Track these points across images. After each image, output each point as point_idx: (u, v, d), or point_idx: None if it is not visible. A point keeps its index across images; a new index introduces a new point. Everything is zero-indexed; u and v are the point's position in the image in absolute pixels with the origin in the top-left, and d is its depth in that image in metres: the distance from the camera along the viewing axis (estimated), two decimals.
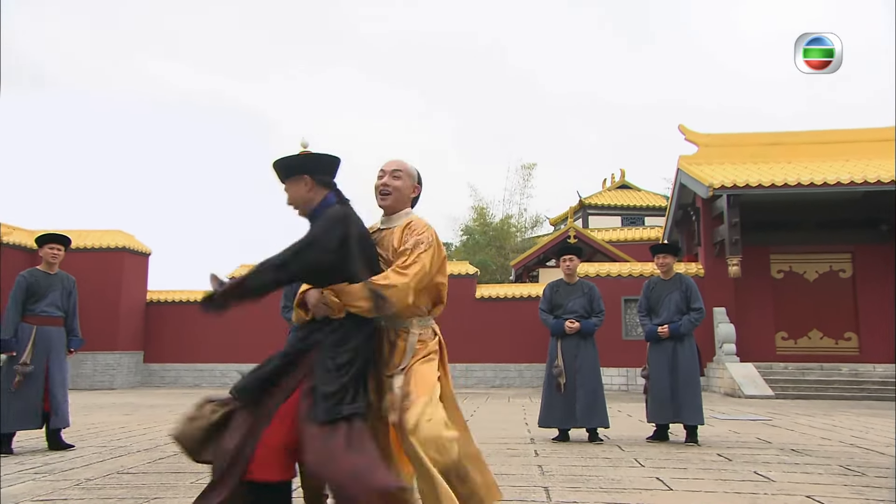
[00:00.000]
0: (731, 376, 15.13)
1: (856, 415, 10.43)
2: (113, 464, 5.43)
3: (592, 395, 6.75)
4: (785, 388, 15.14)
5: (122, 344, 19.13)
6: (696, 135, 19.43)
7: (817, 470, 5.05)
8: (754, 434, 7.53)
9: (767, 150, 18.90)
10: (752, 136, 19.46)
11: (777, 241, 17.78)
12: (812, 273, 17.84)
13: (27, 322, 6.38)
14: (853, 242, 17.61)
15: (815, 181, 16.04)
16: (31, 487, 4.53)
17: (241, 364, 19.38)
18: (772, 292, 17.63)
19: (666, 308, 7.01)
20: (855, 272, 17.61)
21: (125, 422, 9.10)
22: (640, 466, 5.18)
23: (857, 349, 17.24)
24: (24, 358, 6.26)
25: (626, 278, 17.77)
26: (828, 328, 17.47)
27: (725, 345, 16.10)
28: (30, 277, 6.48)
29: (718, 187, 16.20)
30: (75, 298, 6.74)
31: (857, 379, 15.84)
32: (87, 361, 18.80)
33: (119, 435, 7.51)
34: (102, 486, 4.53)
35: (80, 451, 6.25)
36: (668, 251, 7.28)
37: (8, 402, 6.20)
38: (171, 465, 5.32)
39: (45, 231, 6.79)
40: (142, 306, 20.06)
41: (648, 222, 29.62)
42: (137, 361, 19.73)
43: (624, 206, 30.74)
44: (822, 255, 17.80)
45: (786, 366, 16.69)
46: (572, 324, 6.86)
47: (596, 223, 29.37)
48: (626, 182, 33.40)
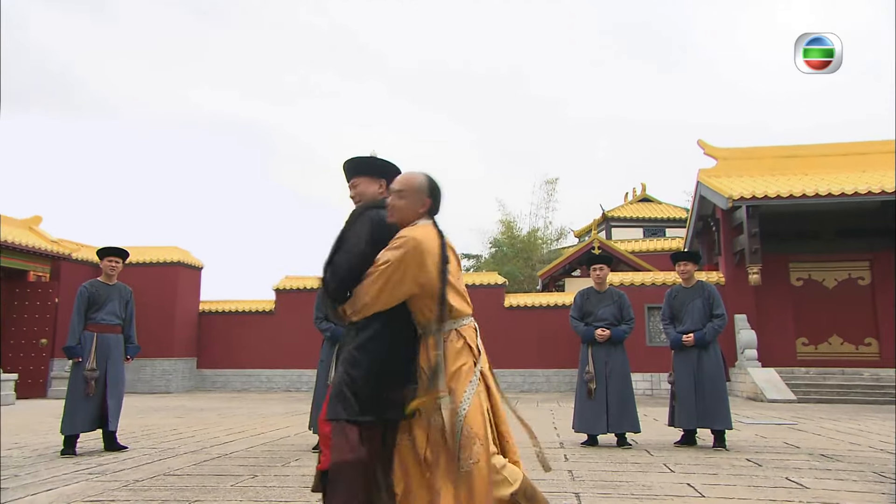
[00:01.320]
0: (754, 381, 14.62)
1: (882, 419, 9.93)
2: (160, 465, 5.31)
3: (623, 400, 6.44)
4: (807, 392, 14.61)
5: (178, 351, 19.20)
6: (714, 149, 18.96)
7: (851, 477, 4.70)
8: (781, 438, 7.15)
9: (784, 163, 18.36)
10: (769, 149, 18.92)
11: (796, 249, 17.22)
12: (831, 280, 17.25)
13: (89, 330, 6.36)
14: (871, 251, 17.00)
15: (833, 191, 15.54)
16: (84, 488, 4.43)
17: (284, 370, 19.50)
18: (791, 299, 17.07)
19: (689, 315, 6.70)
20: (873, 279, 16.97)
21: (176, 424, 9.02)
22: (670, 472, 4.88)
23: (877, 354, 16.59)
24: (89, 364, 6.23)
25: (649, 287, 17.34)
26: (848, 334, 16.83)
27: (747, 350, 15.59)
28: (91, 288, 6.46)
29: (738, 198, 15.77)
30: (132, 308, 6.70)
31: (879, 384, 15.20)
32: (147, 367, 18.92)
33: (169, 437, 7.42)
34: (148, 487, 4.41)
35: (132, 452, 6.15)
36: (689, 259, 6.96)
37: (73, 406, 6.16)
38: (214, 467, 5.18)
39: (105, 246, 6.72)
40: (195, 316, 20.14)
41: (669, 233, 28.99)
42: (191, 367, 19.79)
43: (645, 218, 30.19)
44: (840, 262, 17.17)
45: (807, 371, 16.15)
46: (603, 332, 6.56)
47: (619, 235, 28.88)
48: (647, 195, 32.80)
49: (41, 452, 6.26)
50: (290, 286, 19.79)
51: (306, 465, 5.17)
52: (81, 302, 6.35)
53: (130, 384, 18.84)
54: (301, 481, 4.49)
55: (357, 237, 2.62)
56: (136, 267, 19.43)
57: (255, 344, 19.51)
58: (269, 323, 19.65)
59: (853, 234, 17.03)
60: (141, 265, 19.48)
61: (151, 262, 19.39)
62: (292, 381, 19.05)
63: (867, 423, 9.30)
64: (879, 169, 17.53)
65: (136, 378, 18.90)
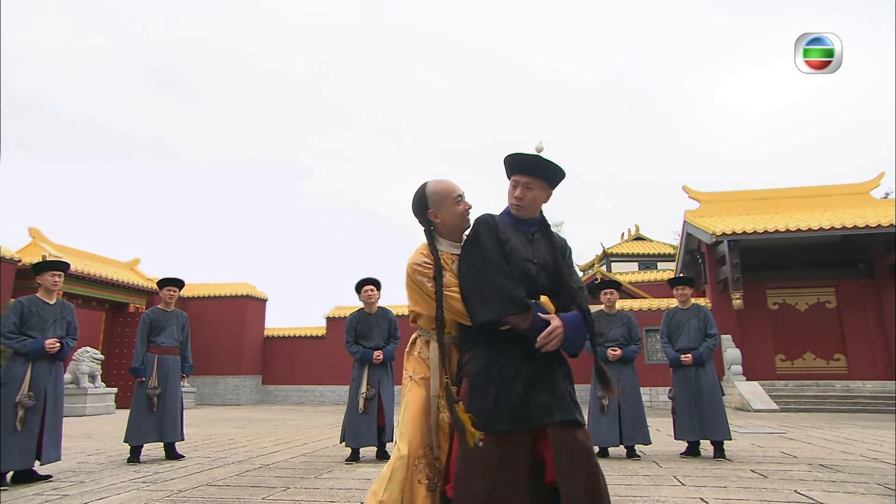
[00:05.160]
0: (741, 393, 13.66)
1: (861, 427, 8.98)
2: (206, 475, 4.73)
3: (635, 415, 5.70)
4: (787, 402, 13.64)
5: (246, 369, 18.77)
6: (698, 193, 18.35)
7: (858, 489, 3.94)
8: (777, 448, 6.32)
9: (758, 204, 17.73)
10: (745, 192, 18.23)
11: (771, 278, 16.48)
12: (802, 304, 16.40)
13: (151, 352, 5.90)
14: (836, 278, 16.31)
15: (801, 227, 15.07)
16: (130, 497, 3.88)
17: (334, 386, 18.88)
18: (769, 321, 16.23)
19: (686, 334, 6.00)
20: (839, 303, 16.21)
21: (235, 434, 8.46)
22: (681, 485, 4.15)
23: (846, 368, 15.72)
24: (151, 382, 5.77)
25: (646, 312, 16.53)
26: (819, 350, 16.00)
27: (733, 366, 14.66)
28: (152, 315, 6.03)
29: (720, 234, 15.22)
30: (188, 331, 6.23)
31: (850, 394, 14.27)
32: (220, 383, 18.55)
33: (225, 446, 6.85)
34: (188, 498, 3.84)
35: (187, 461, 5.60)
36: (686, 283, 6.29)
37: (137, 420, 5.69)
38: (252, 478, 4.59)
39: (164, 277, 6.29)
40: (260, 340, 19.72)
41: (661, 266, 28.09)
42: (257, 383, 19.28)
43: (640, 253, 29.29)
44: (810, 288, 16.46)
45: (786, 383, 15.22)
46: (614, 351, 5.88)
47: (617, 268, 28.09)
48: (640, 235, 31.89)
49: (114, 459, 5.78)
50: (339, 314, 19.32)
51: (336, 478, 4.56)
52: (144, 327, 5.91)
53: (208, 397, 18.51)
54: (328, 495, 3.88)
55: None
56: (213, 300, 19.27)
57: (309, 364, 19.04)
58: (321, 346, 19.15)
59: (820, 264, 16.41)
60: (217, 298, 19.34)
61: (225, 296, 19.31)
62: (340, 395, 18.41)
63: (847, 430, 8.41)
64: (839, 208, 17.11)
65: (212, 392, 18.53)
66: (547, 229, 2.21)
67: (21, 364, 4.65)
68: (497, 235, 2.11)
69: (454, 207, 2.16)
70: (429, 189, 2.18)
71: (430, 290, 2.07)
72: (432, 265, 2.10)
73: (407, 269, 2.15)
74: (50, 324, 4.83)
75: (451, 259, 2.16)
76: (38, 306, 4.83)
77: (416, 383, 2.13)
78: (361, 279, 5.92)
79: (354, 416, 5.50)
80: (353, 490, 4.02)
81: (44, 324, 4.80)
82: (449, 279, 2.09)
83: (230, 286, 19.67)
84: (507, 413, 1.92)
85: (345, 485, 4.22)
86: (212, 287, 19.70)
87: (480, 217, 2.19)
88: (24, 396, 4.57)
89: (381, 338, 5.76)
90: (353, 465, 5.22)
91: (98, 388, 13.68)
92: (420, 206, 2.20)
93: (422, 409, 2.07)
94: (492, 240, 2.09)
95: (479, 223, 2.16)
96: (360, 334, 5.75)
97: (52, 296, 4.97)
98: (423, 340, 2.19)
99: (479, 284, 2.03)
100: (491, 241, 2.09)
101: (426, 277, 2.09)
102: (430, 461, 2.01)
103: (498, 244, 2.09)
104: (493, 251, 2.07)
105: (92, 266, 16.06)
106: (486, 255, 2.05)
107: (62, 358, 4.88)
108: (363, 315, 5.85)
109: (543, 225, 2.22)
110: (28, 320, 4.74)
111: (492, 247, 2.07)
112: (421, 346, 2.18)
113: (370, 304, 5.86)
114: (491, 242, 2.08)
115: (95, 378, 13.73)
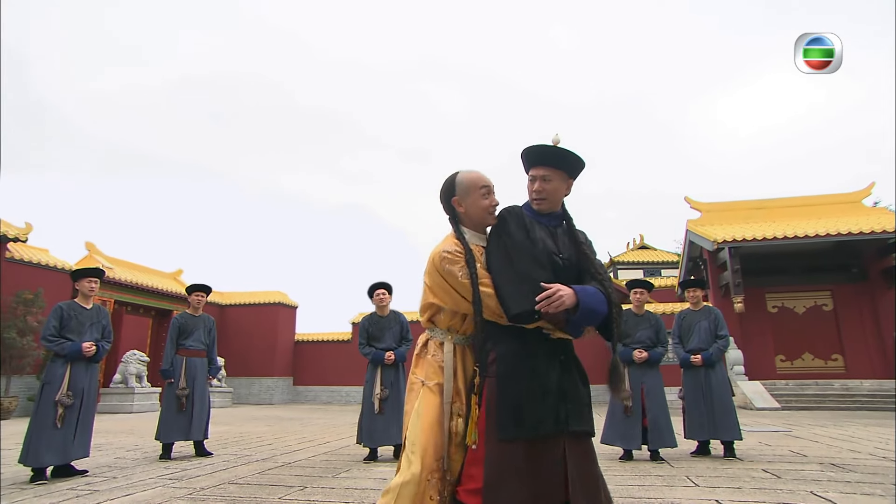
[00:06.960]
0: (744, 392, 13.12)
1: (863, 425, 8.47)
2: (230, 473, 4.49)
3: (659, 418, 5.15)
4: (788, 401, 13.06)
5: (278, 371, 18.61)
6: (699, 203, 17.87)
7: (875, 490, 3.55)
8: (784, 446, 5.88)
9: (756, 213, 17.21)
10: (744, 202, 17.72)
11: (770, 283, 15.93)
12: (801, 307, 15.82)
13: (179, 354, 5.71)
14: (832, 282, 15.76)
15: (798, 234, 14.54)
16: (154, 495, 3.65)
17: (359, 387, 18.57)
18: (769, 323, 15.67)
19: (697, 334, 5.62)
20: (835, 306, 15.65)
21: (263, 432, 8.22)
22: (695, 486, 3.79)
23: (843, 367, 15.13)
24: (180, 383, 5.58)
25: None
26: (817, 351, 15.41)
27: (736, 367, 14.12)
28: (181, 319, 5.83)
29: (721, 241, 14.75)
30: (214, 334, 6.00)
31: (848, 392, 13.65)
32: (255, 384, 18.42)
33: (253, 444, 6.61)
34: (208, 496, 3.59)
35: (215, 458, 5.37)
36: (698, 285, 5.84)
37: (167, 418, 5.49)
38: (272, 476, 4.33)
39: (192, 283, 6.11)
40: (291, 345, 19.54)
41: (665, 273, 27.50)
42: (289, 384, 19.09)
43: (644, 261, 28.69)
44: (807, 292, 15.91)
45: (786, 383, 14.63)
46: (640, 354, 5.29)
47: (623, 275, 27.49)
48: (645, 244, 31.26)
49: (148, 455, 5.58)
50: None
51: (353, 478, 4.28)
52: (173, 331, 5.71)
53: (244, 397, 18.36)
54: (343, 495, 3.60)
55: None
56: (247, 307, 19.21)
57: (336, 366, 18.80)
58: (347, 349, 18.91)
59: (816, 269, 15.85)
60: (251, 305, 19.28)
61: (259, 303, 19.22)
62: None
63: (851, 428, 7.91)
64: (833, 216, 16.56)
65: (248, 392, 18.40)
66: (570, 223, 1.93)
67: (61, 365, 4.55)
68: (525, 226, 1.85)
69: (480, 200, 1.90)
70: (458, 177, 1.93)
71: (460, 280, 1.78)
72: (463, 254, 1.81)
73: (433, 257, 1.85)
74: (87, 327, 4.73)
75: (479, 251, 1.88)
76: (76, 311, 4.73)
77: (429, 390, 1.83)
78: (373, 283, 5.67)
79: (369, 417, 5.23)
80: (368, 490, 3.74)
81: (81, 327, 4.69)
82: (480, 271, 1.81)
83: (264, 294, 19.59)
84: (547, 414, 1.65)
85: (361, 485, 3.95)
86: (247, 295, 19.66)
87: (505, 208, 1.93)
88: (64, 395, 4.46)
89: (392, 339, 5.49)
90: (371, 464, 4.94)
91: (144, 387, 13.68)
92: (447, 193, 1.94)
93: (436, 420, 1.77)
94: (521, 230, 1.83)
95: (505, 214, 1.90)
96: (373, 336, 5.49)
97: (88, 301, 4.84)
98: (436, 342, 1.89)
99: (512, 275, 1.75)
100: (520, 231, 1.83)
101: (456, 266, 1.80)
102: (442, 475, 1.72)
103: (526, 234, 1.83)
104: (524, 241, 1.80)
105: (140, 276, 16.10)
106: (517, 245, 1.79)
107: (98, 360, 4.74)
108: (375, 318, 5.59)
109: (566, 218, 1.94)
110: (67, 324, 4.65)
111: (522, 237, 1.81)
112: (435, 349, 1.88)
113: (382, 307, 5.61)
114: (520, 232, 1.82)
115: (142, 378, 13.76)
